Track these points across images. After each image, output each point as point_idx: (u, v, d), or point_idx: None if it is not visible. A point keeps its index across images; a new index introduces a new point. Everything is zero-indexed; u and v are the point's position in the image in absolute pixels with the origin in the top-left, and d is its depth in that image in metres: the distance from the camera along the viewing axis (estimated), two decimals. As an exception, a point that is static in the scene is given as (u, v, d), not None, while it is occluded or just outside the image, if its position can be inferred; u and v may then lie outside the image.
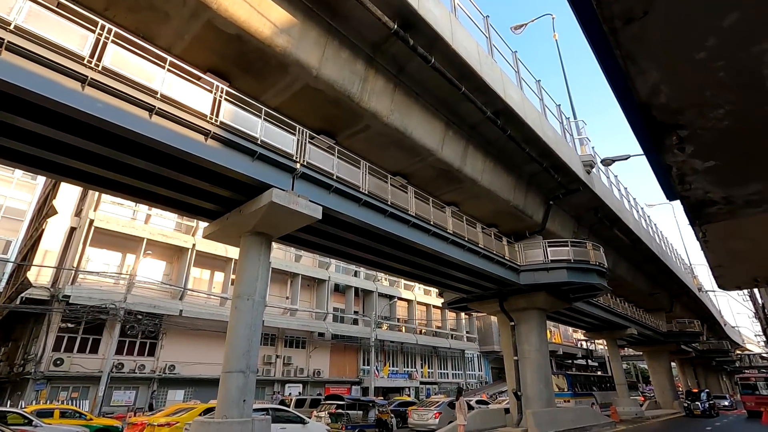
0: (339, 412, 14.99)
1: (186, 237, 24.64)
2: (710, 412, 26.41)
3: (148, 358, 22.27)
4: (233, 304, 9.11)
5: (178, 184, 9.09)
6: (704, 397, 27.40)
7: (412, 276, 16.95)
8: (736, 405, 35.90)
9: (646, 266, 28.35)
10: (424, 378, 36.73)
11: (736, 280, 6.51)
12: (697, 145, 2.95)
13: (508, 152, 14.69)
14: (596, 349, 56.30)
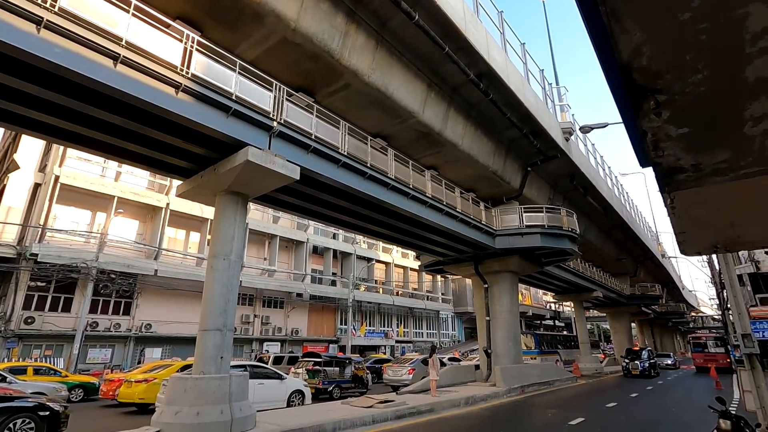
0: (316, 369, 15.44)
1: (159, 196, 23.96)
2: (650, 371, 23.99)
3: (124, 317, 22.15)
4: (209, 263, 9.03)
5: (149, 140, 8.71)
6: (645, 356, 25.00)
7: (391, 239, 17.13)
8: (679, 363, 36.01)
9: (615, 233, 29.46)
10: (400, 337, 38.02)
11: (698, 246, 6.80)
12: (673, 110, 2.97)
13: (489, 117, 14.61)
14: (563, 311, 59.19)
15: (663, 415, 11.50)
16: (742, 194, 4.82)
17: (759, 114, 3.10)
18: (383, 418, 10.01)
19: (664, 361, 32.66)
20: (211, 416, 7.48)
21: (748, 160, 3.82)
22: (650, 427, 9.76)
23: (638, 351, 26.13)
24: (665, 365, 32.01)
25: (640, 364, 23.98)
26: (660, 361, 31.70)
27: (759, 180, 4.25)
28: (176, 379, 8.19)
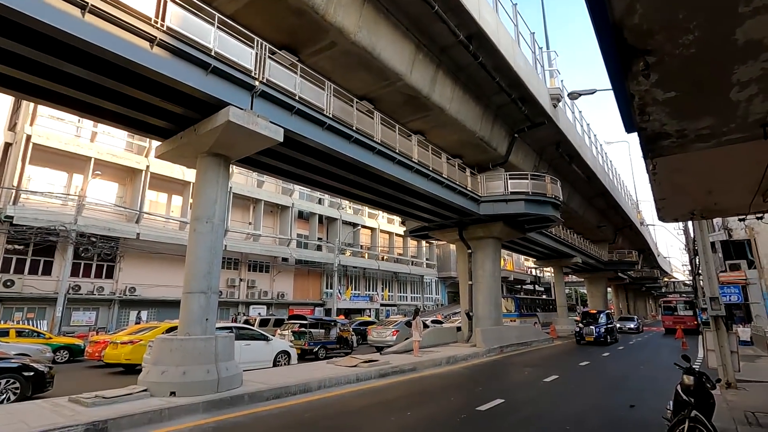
0: (302, 331, 15.75)
1: (138, 158, 23.26)
2: (605, 337, 20.77)
3: (107, 281, 22.00)
4: (191, 226, 8.91)
5: (126, 98, 8.32)
6: (603, 320, 21.79)
7: (376, 204, 17.11)
8: (644, 327, 35.23)
9: (597, 201, 29.98)
10: (385, 301, 38.86)
11: (676, 213, 6.99)
12: (662, 73, 2.94)
13: (477, 81, 14.34)
14: (543, 276, 61.00)
15: (632, 372, 12.17)
16: (721, 162, 4.90)
17: (746, 79, 3.09)
18: (367, 376, 10.35)
19: (626, 324, 31.36)
20: (198, 375, 7.61)
21: (731, 126, 3.86)
22: (620, 382, 10.35)
23: (595, 314, 22.77)
24: (627, 329, 30.57)
25: (595, 330, 20.68)
26: (622, 324, 31.01)
27: (738, 148, 4.31)
28: (162, 340, 8.25)
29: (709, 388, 5.10)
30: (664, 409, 5.50)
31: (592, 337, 20.48)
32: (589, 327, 21.04)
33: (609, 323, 22.04)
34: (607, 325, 21.49)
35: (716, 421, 5.18)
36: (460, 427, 6.28)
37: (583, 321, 22.25)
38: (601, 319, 21.84)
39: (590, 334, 20.64)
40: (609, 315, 23.61)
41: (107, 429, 5.86)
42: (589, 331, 20.82)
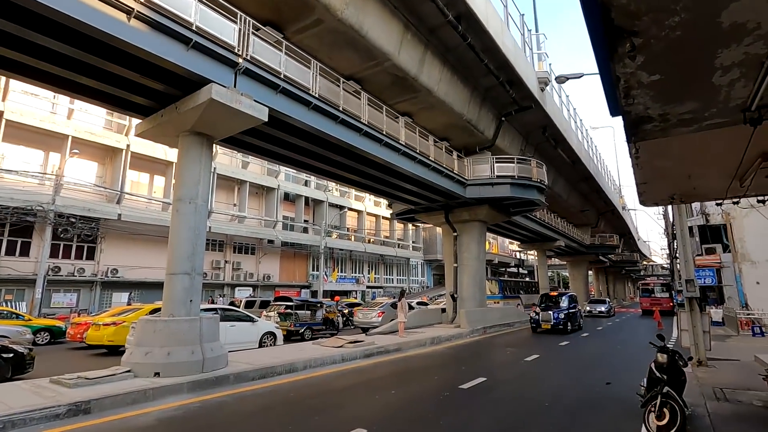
0: (288, 312, 15.79)
1: (118, 136, 22.60)
2: (565, 325, 17.48)
3: (88, 262, 21.60)
4: (174, 207, 8.74)
5: (104, 73, 8.02)
6: (565, 304, 18.62)
7: (363, 186, 17.03)
8: (616, 310, 33.62)
9: (581, 185, 30.40)
10: (371, 283, 39.15)
11: (657, 197, 7.13)
12: (648, 55, 2.94)
13: (466, 63, 14.21)
14: (527, 259, 62.08)
15: (609, 351, 12.60)
16: (702, 147, 4.98)
17: (728, 63, 3.12)
18: (352, 356, 10.47)
19: (596, 308, 29.23)
20: (182, 356, 7.59)
21: (713, 111, 3.90)
22: (597, 361, 10.70)
23: (556, 297, 19.63)
24: (598, 312, 28.56)
25: (554, 315, 17.44)
26: (592, 307, 29.27)
27: (718, 133, 4.38)
28: (145, 321, 8.18)
29: (682, 366, 5.31)
30: (638, 386, 5.72)
31: (549, 324, 17.27)
32: (547, 312, 17.72)
33: (572, 307, 18.64)
34: (569, 309, 18.18)
35: (687, 397, 5.41)
36: (442, 405, 6.43)
37: (541, 305, 18.85)
38: (563, 302, 18.62)
39: (547, 321, 17.42)
40: (573, 298, 19.91)
41: (90, 409, 5.83)
42: (547, 317, 17.54)
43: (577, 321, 18.77)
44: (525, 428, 5.30)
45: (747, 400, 6.18)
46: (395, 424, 5.49)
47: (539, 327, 17.67)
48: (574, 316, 18.59)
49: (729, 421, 5.18)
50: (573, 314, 18.36)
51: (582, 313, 19.76)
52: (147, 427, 5.39)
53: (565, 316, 17.52)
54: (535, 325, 17.95)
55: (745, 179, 5.71)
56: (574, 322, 18.41)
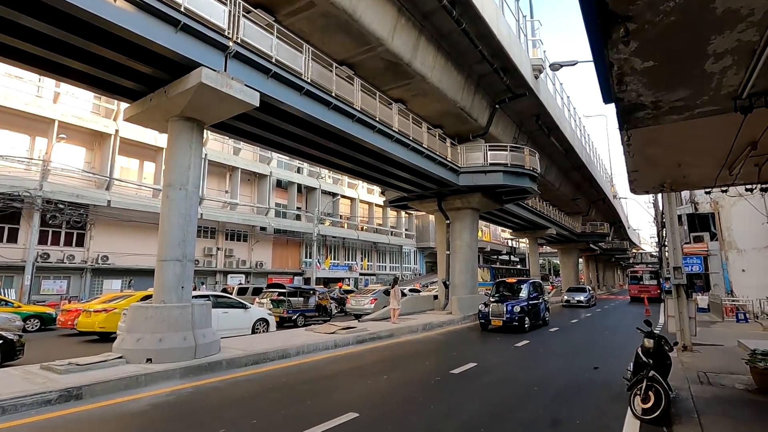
0: (281, 299, 15.82)
1: (106, 121, 22.18)
2: (521, 321, 13.51)
3: (77, 249, 21.38)
4: (164, 193, 8.64)
5: (91, 56, 7.83)
6: (524, 293, 14.83)
7: (356, 173, 16.96)
8: (596, 300, 29.87)
9: (573, 174, 30.56)
10: (364, 270, 39.28)
11: (647, 185, 7.19)
12: (641, 41, 2.93)
13: (460, 49, 14.07)
14: (519, 247, 62.62)
15: (597, 337, 12.83)
16: (692, 135, 5.01)
17: (721, 50, 3.11)
18: (345, 342, 10.56)
19: (574, 297, 26.19)
20: (174, 342, 7.59)
21: (704, 98, 3.92)
22: (585, 346, 10.91)
23: (514, 285, 15.84)
24: (576, 302, 25.61)
25: (507, 309, 13.49)
26: (570, 296, 26.43)
27: (709, 121, 4.40)
28: (136, 307, 8.15)
29: (667, 351, 5.43)
30: (625, 370, 5.84)
31: (501, 320, 13.41)
32: (500, 305, 13.75)
33: (533, 298, 14.83)
34: (529, 301, 14.33)
35: (672, 381, 5.55)
36: (434, 389, 6.52)
37: (497, 294, 15.33)
38: (522, 291, 14.93)
39: (498, 316, 13.50)
40: (537, 286, 16.07)
41: (82, 395, 5.83)
42: (498, 310, 13.62)
43: (540, 315, 15.03)
44: (514, 411, 5.40)
45: (729, 383, 6.35)
46: (386, 408, 5.57)
47: (489, 324, 13.85)
48: (536, 309, 14.80)
49: (711, 403, 5.33)
50: (534, 307, 14.58)
51: (547, 305, 15.79)
52: (140, 412, 5.41)
53: (522, 310, 13.53)
54: (483, 321, 13.91)
55: (734, 168, 5.76)
56: (536, 316, 14.66)
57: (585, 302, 25.50)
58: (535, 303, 14.89)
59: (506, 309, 13.56)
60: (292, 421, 4.91)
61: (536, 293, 15.46)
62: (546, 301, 16.12)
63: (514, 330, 13.54)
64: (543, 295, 16.16)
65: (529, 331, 13.64)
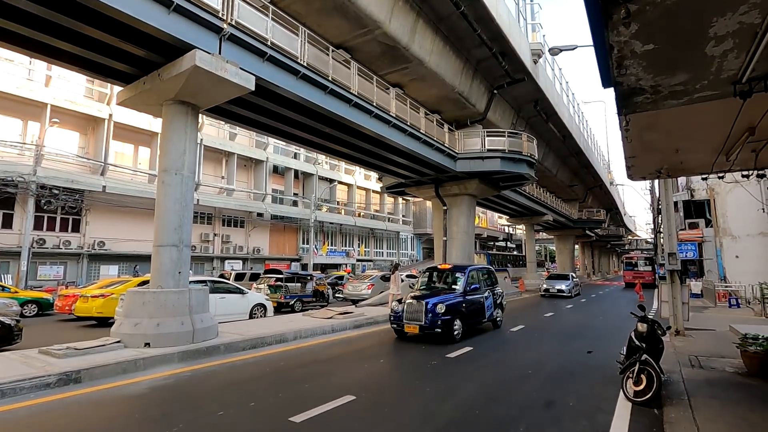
0: (278, 285, 15.89)
1: (100, 105, 21.86)
2: (448, 326, 9.02)
3: (73, 234, 21.30)
4: (159, 178, 8.57)
5: (82, 37, 7.67)
6: (460, 285, 10.24)
7: (352, 159, 16.87)
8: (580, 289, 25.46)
9: (570, 160, 30.53)
10: (361, 256, 39.41)
11: (644, 171, 7.18)
12: (642, 22, 2.88)
13: (458, 33, 13.88)
14: (515, 234, 62.92)
15: (592, 321, 12.98)
16: (691, 120, 4.99)
17: (723, 32, 3.07)
18: (342, 327, 10.64)
19: (554, 285, 22.59)
20: (172, 327, 7.63)
21: (704, 83, 3.88)
22: (581, 330, 11.04)
23: (446, 273, 11.17)
24: (556, 291, 22.13)
25: (429, 309, 9.10)
26: (550, 285, 22.79)
27: (708, 106, 4.37)
28: (133, 293, 8.16)
29: (660, 335, 5.50)
30: (618, 354, 5.93)
31: (417, 327, 9.05)
32: (418, 302, 9.29)
33: (473, 293, 10.30)
34: (465, 296, 9.88)
35: (663, 364, 5.64)
36: (429, 372, 6.61)
37: (422, 288, 10.82)
38: (457, 283, 10.39)
39: (415, 320, 9.13)
40: (483, 275, 11.39)
41: (81, 379, 5.87)
42: (415, 312, 9.21)
43: (484, 315, 10.56)
44: (509, 394, 5.49)
45: (720, 366, 6.46)
46: (383, 391, 5.64)
47: (401, 332, 9.45)
48: (477, 307, 10.27)
49: (701, 385, 5.42)
50: (473, 304, 10.05)
51: (499, 300, 11.43)
52: (139, 395, 5.46)
53: (449, 310, 9.05)
54: (396, 326, 9.43)
55: (731, 154, 5.76)
56: (476, 317, 10.19)
57: (567, 292, 22.13)
58: (476, 299, 10.23)
59: (425, 308, 8.93)
60: (290, 403, 4.97)
61: (479, 285, 10.72)
62: (499, 294, 11.56)
63: (439, 339, 9.00)
64: (494, 286, 11.50)
65: (465, 339, 9.27)
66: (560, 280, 23.68)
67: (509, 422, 4.44)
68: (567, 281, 23.12)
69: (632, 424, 4.37)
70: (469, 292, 10.14)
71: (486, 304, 10.76)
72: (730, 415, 4.33)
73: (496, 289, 11.62)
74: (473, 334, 10.08)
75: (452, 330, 9.08)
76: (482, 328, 10.97)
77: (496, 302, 11.29)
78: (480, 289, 10.73)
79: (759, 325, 9.67)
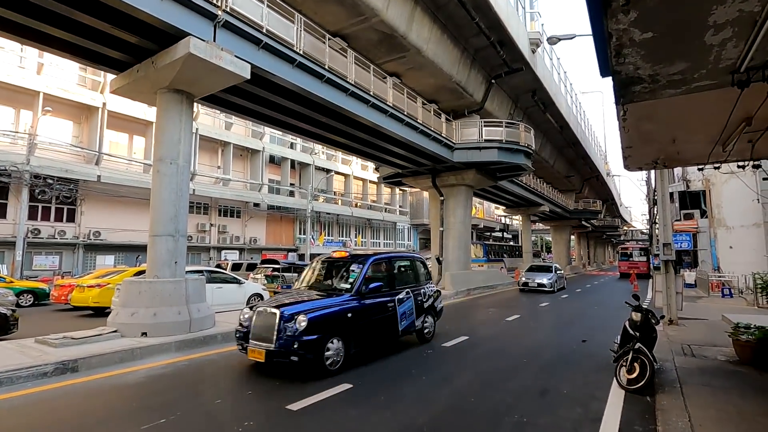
0: (275, 275, 15.91)
1: (93, 94, 21.58)
2: (320, 351, 5.61)
3: (69, 224, 21.18)
4: (155, 168, 8.51)
5: (73, 23, 7.54)
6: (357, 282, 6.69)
7: (349, 149, 16.79)
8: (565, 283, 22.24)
9: (567, 151, 30.52)
10: (358, 246, 39.47)
11: (641, 161, 7.19)
12: (642, 10, 2.86)
13: (456, 21, 13.75)
14: (512, 224, 63.11)
15: (587, 311, 13.11)
16: (688, 110, 4.98)
17: (722, 21, 3.05)
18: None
19: (534, 278, 19.59)
20: (168, 317, 7.64)
21: (702, 72, 3.87)
22: (575, 320, 11.15)
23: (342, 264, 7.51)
24: (537, 286, 19.25)
25: (279, 326, 5.65)
26: (529, 278, 19.72)
27: (705, 96, 4.36)
28: (130, 282, 8.14)
29: (654, 324, 5.56)
30: (612, 343, 5.99)
31: (263, 351, 5.63)
32: (271, 311, 5.90)
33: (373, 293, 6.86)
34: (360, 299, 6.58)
35: (657, 353, 5.70)
36: (426, 361, 6.66)
37: (302, 286, 7.58)
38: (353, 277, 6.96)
39: (263, 340, 5.76)
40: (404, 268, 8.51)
41: (78, 368, 5.88)
42: (265, 326, 5.84)
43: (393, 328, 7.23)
44: (504, 382, 5.55)
45: (712, 355, 6.55)
46: (379, 378, 5.69)
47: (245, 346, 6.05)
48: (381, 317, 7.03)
49: (693, 373, 5.50)
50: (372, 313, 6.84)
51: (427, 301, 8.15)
52: (136, 383, 5.48)
53: (318, 326, 5.79)
54: (241, 346, 6.19)
55: (727, 144, 5.77)
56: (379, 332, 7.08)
57: (549, 286, 19.17)
58: (380, 304, 6.97)
59: (278, 321, 5.76)
60: (288, 391, 5.01)
61: (388, 282, 7.43)
62: (430, 295, 8.29)
63: (302, 371, 5.82)
64: (421, 283, 8.29)
65: (354, 367, 6.16)
66: (541, 272, 20.45)
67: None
68: (549, 274, 20.01)
69: (625, 412, 4.43)
70: (367, 294, 6.68)
71: (401, 311, 7.24)
72: (721, 402, 4.39)
73: (425, 288, 8.17)
74: (375, 357, 6.79)
75: (322, 356, 5.68)
76: (404, 342, 7.76)
77: (421, 306, 7.80)
78: (390, 290, 7.25)
79: (751, 314, 9.79)
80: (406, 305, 7.49)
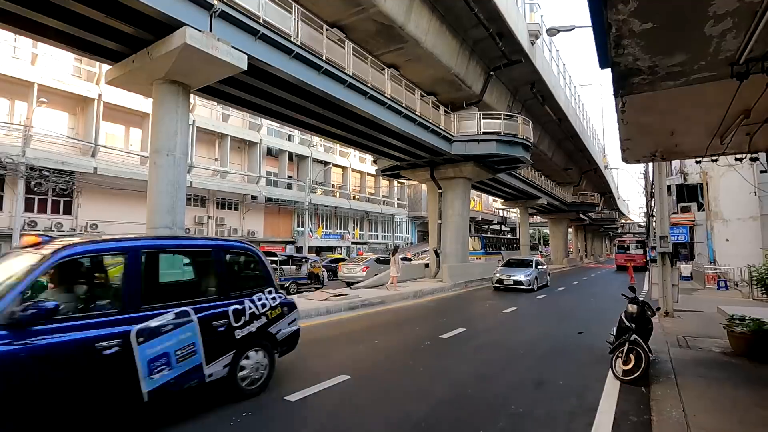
0: (273, 267, 15.90)
1: (89, 85, 21.37)
2: None
3: (65, 217, 21.09)
4: (151, 160, 8.48)
5: (68, 13, 7.45)
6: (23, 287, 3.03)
7: (347, 141, 16.73)
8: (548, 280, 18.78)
9: (566, 144, 30.48)
10: (356, 239, 39.50)
11: (639, 153, 7.18)
12: (641, 0, 2.83)
13: (455, 12, 13.63)
14: (510, 217, 63.22)
15: (583, 303, 13.18)
16: (687, 102, 4.96)
17: (722, 11, 3.03)
18: (337, 309, 10.72)
19: (512, 275, 16.62)
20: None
21: (701, 64, 3.85)
22: (572, 312, 11.22)
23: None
24: (513, 283, 16.31)
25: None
26: (505, 275, 16.75)
27: (704, 88, 4.34)
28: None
29: (650, 316, 5.60)
30: (608, 335, 6.03)
31: None
32: None
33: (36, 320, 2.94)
34: None
35: (652, 344, 5.75)
36: (423, 353, 6.70)
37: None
38: None
39: None
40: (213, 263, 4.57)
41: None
42: None
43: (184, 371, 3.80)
44: (500, 373, 5.59)
45: (706, 346, 6.60)
46: (377, 370, 5.72)
47: None
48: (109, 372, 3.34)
49: (688, 365, 5.55)
50: None
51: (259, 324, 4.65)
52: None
53: None
54: None
55: (725, 137, 5.76)
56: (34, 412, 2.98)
57: (527, 284, 16.25)
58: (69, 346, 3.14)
59: None
60: (285, 383, 5.03)
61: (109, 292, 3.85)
62: (258, 313, 4.70)
63: None
64: (253, 288, 4.88)
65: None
66: (519, 268, 17.56)
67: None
68: (528, 270, 17.09)
69: (620, 402, 4.47)
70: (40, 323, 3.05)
71: (149, 354, 3.55)
72: (715, 393, 4.44)
73: (250, 302, 4.65)
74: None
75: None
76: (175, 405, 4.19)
77: (229, 336, 4.28)
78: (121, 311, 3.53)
79: (746, 306, 9.87)
80: (169, 340, 3.73)
